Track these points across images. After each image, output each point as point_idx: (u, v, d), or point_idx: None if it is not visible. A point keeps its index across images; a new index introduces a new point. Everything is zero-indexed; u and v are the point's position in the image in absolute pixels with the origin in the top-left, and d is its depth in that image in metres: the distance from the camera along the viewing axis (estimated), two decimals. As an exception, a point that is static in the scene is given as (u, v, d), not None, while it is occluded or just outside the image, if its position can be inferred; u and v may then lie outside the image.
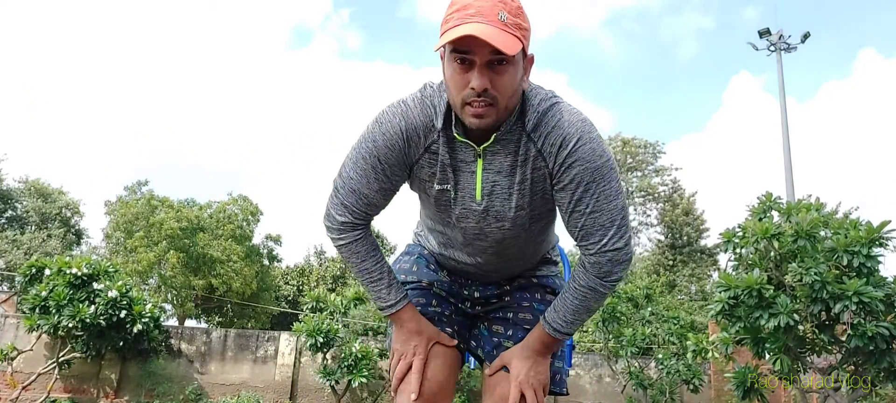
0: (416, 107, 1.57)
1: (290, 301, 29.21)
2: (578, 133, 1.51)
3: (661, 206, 34.69)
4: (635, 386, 10.84)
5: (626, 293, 11.07)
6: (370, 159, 1.58)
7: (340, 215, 1.66)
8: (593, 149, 1.51)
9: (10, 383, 10.70)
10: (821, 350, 5.67)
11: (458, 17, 1.40)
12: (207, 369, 11.92)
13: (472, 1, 1.40)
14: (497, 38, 1.36)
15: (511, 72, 1.43)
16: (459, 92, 1.44)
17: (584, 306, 1.64)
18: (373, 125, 1.60)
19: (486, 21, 1.38)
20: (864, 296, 4.96)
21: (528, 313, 1.82)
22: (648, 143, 35.89)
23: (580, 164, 1.50)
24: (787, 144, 16.08)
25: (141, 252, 22.98)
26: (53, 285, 10.19)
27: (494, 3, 1.40)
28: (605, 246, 1.55)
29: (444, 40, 1.39)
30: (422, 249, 1.96)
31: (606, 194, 1.53)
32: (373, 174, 1.59)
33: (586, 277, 1.60)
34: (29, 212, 29.29)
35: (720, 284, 5.65)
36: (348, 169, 1.63)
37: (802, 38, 17.39)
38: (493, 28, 1.37)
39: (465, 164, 1.59)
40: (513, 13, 1.42)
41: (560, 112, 1.53)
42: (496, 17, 1.39)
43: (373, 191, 1.61)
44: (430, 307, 1.83)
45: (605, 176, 1.53)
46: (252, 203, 27.12)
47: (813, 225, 5.41)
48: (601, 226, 1.54)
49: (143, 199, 25.01)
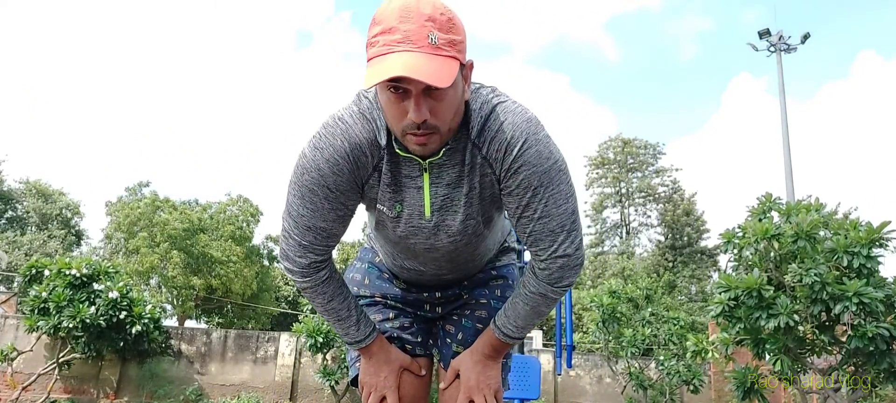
0: (357, 123, 1.43)
1: (289, 301, 29.20)
2: (523, 135, 1.40)
3: (661, 207, 34.70)
4: (635, 387, 10.83)
5: (627, 293, 11.07)
6: (319, 190, 1.44)
7: (302, 257, 1.52)
8: (539, 152, 1.40)
9: (9, 384, 10.70)
10: (821, 350, 5.67)
11: (383, 42, 1.25)
12: (207, 369, 11.91)
13: (397, 22, 1.25)
14: (430, 71, 1.22)
15: (451, 95, 1.31)
16: (398, 122, 1.33)
17: (534, 311, 1.58)
18: (312, 152, 1.44)
19: (415, 48, 1.24)
20: (865, 297, 4.95)
21: (483, 310, 1.77)
22: (649, 144, 35.92)
23: (526, 168, 1.40)
24: (787, 145, 16.08)
25: (143, 252, 22.99)
26: (54, 286, 10.19)
27: (421, 23, 1.25)
28: (556, 252, 1.47)
29: (372, 80, 1.22)
30: (373, 255, 1.87)
31: (555, 198, 1.43)
32: (326, 205, 1.45)
33: (537, 284, 1.53)
34: (29, 213, 29.28)
35: (720, 285, 5.64)
36: (297, 206, 1.47)
37: (802, 38, 17.39)
38: (423, 57, 1.23)
39: (411, 180, 1.48)
40: (444, 29, 1.27)
41: (503, 114, 1.41)
42: (426, 40, 1.24)
43: (329, 222, 1.48)
44: (387, 323, 1.76)
45: (553, 179, 1.42)
46: (252, 204, 27.14)
47: (813, 225, 5.41)
48: (551, 232, 1.45)
49: (145, 200, 25.01)
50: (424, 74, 1.21)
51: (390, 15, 1.27)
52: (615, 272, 28.38)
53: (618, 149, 35.89)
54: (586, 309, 11.42)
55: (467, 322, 1.76)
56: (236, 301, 25.25)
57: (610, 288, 11.06)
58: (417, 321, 1.80)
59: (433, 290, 1.80)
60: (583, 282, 28.48)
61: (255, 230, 27.52)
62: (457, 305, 1.80)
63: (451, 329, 1.78)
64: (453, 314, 1.80)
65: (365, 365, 1.69)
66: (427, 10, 1.26)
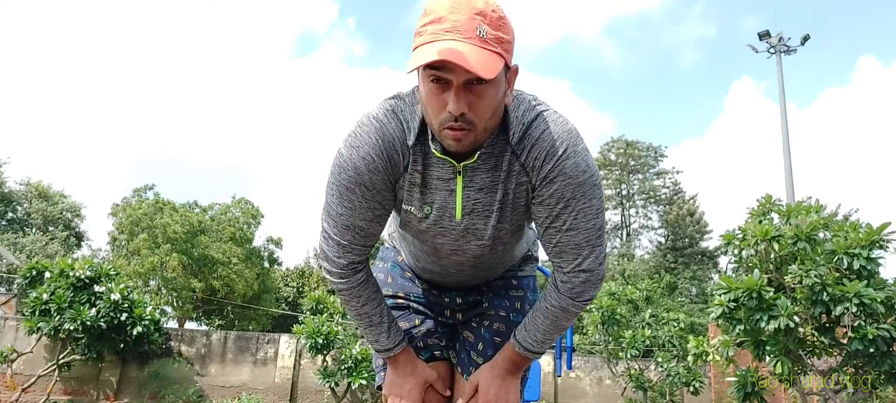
0: (391, 121, 1.44)
1: (290, 303, 29.20)
2: (564, 145, 1.40)
3: (662, 208, 34.68)
4: (635, 389, 10.82)
5: (627, 295, 11.06)
6: (357, 189, 1.44)
7: (340, 257, 1.52)
8: (577, 164, 1.40)
9: (9, 385, 10.70)
10: (821, 352, 5.66)
11: (432, 31, 1.25)
12: (207, 371, 11.91)
13: (447, 12, 1.25)
14: (475, 60, 1.21)
15: (491, 92, 1.30)
16: (436, 114, 1.32)
17: (555, 325, 1.56)
18: (348, 151, 1.44)
19: (462, 37, 1.23)
20: (865, 298, 4.94)
21: (501, 323, 1.76)
22: (650, 146, 35.93)
23: (562, 179, 1.40)
24: (787, 146, 16.07)
25: (144, 254, 23.02)
26: (55, 287, 10.19)
27: (472, 15, 1.25)
28: (579, 266, 1.47)
29: (415, 63, 1.23)
30: (396, 255, 1.88)
31: (585, 213, 1.43)
32: (363, 203, 1.46)
33: (558, 297, 1.52)
34: (31, 215, 29.30)
35: (720, 286, 5.63)
36: (335, 205, 1.48)
37: (802, 40, 17.39)
38: (470, 47, 1.23)
39: (443, 182, 1.47)
40: (493, 26, 1.27)
41: (545, 122, 1.41)
42: (474, 32, 1.24)
43: (367, 221, 1.49)
44: (415, 329, 1.76)
45: (586, 193, 1.42)
46: (253, 206, 27.15)
47: (813, 227, 5.40)
48: (577, 246, 1.45)
49: (147, 202, 25.05)
50: (468, 62, 1.20)
51: (441, 5, 1.27)
52: (616, 273, 28.36)
53: (620, 150, 35.90)
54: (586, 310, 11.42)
55: (486, 332, 1.76)
56: (237, 302, 25.26)
57: (610, 289, 11.05)
58: (439, 324, 1.82)
59: (454, 294, 1.81)
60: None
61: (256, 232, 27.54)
62: (476, 312, 1.80)
63: (469, 336, 1.78)
64: (472, 321, 1.80)
65: (391, 376, 1.69)
66: (479, 4, 1.27)
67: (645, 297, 11.22)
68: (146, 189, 26.85)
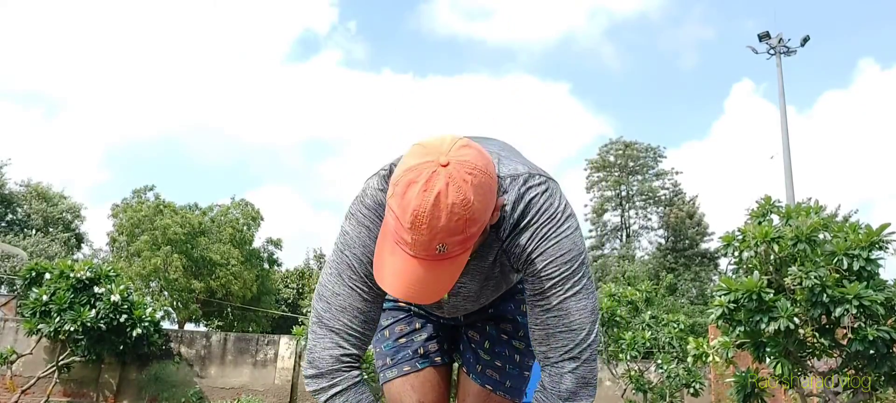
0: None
1: (290, 304, 29.19)
2: (545, 229, 1.36)
3: (661, 210, 34.68)
4: (635, 390, 10.81)
5: (626, 297, 11.05)
6: (361, 268, 1.38)
7: (333, 348, 1.39)
8: (561, 245, 1.36)
9: (9, 387, 10.69)
10: (821, 353, 5.66)
11: (395, 229, 1.20)
12: (207, 373, 11.90)
13: (408, 227, 1.17)
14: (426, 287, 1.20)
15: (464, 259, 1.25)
16: None
17: None
18: (355, 226, 1.40)
19: (422, 255, 1.19)
20: (865, 300, 4.94)
21: (509, 324, 1.77)
22: (649, 147, 35.92)
23: (543, 260, 1.36)
24: (787, 148, 16.08)
25: (145, 255, 23.03)
26: (55, 289, 10.18)
27: (432, 235, 1.16)
28: (569, 354, 1.37)
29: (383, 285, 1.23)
30: None
31: (576, 293, 1.37)
32: (367, 282, 1.38)
33: (546, 401, 1.39)
34: (31, 216, 29.29)
35: (720, 288, 5.63)
36: (332, 284, 1.40)
37: (802, 41, 17.41)
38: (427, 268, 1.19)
39: None
40: (457, 232, 1.18)
41: (530, 210, 1.37)
42: (434, 251, 1.18)
43: (367, 302, 1.40)
44: (415, 335, 1.78)
45: (574, 272, 1.37)
46: (253, 207, 27.16)
47: (813, 228, 5.40)
48: (567, 328, 1.37)
49: (147, 203, 25.06)
50: (420, 296, 1.21)
51: (404, 210, 1.17)
52: (616, 275, 28.36)
53: (618, 152, 35.89)
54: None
55: (492, 330, 1.77)
56: (237, 304, 25.26)
57: (609, 291, 11.05)
58: (440, 327, 1.82)
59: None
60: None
61: (256, 233, 27.54)
62: (480, 315, 1.81)
63: (475, 336, 1.79)
64: (477, 322, 1.81)
65: None
66: (441, 221, 1.16)
67: (645, 299, 11.22)
68: (146, 190, 26.86)
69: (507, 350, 1.76)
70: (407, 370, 1.74)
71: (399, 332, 1.78)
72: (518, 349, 1.77)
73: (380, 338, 1.81)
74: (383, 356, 1.78)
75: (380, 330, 1.81)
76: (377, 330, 1.79)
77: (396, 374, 1.74)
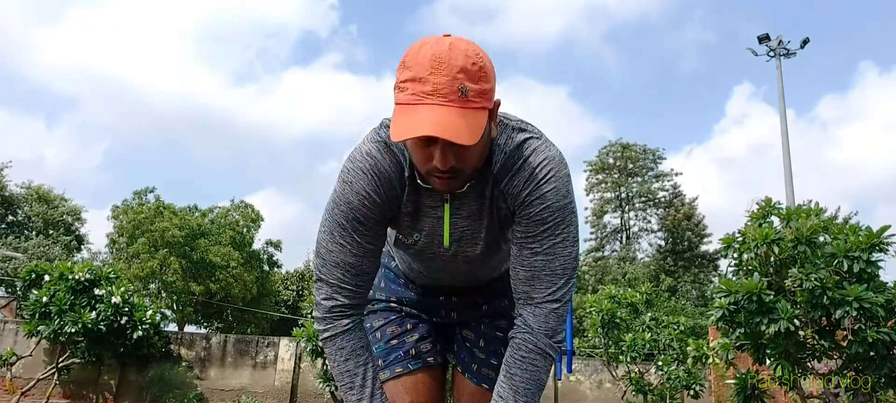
0: (384, 157, 1.42)
1: (290, 306, 29.17)
2: (543, 171, 1.39)
3: (661, 211, 34.66)
4: (635, 392, 10.81)
5: (627, 298, 11.05)
6: (350, 224, 1.42)
7: (327, 299, 1.47)
8: (557, 189, 1.39)
9: (8, 388, 10.68)
10: (822, 355, 5.66)
11: (412, 91, 1.22)
12: (207, 375, 11.90)
13: (427, 73, 1.21)
14: (459, 129, 1.19)
15: (478, 143, 1.28)
16: (423, 165, 1.32)
17: (535, 381, 1.43)
18: (343, 186, 1.43)
19: (445, 101, 1.20)
20: (865, 302, 4.94)
21: (504, 319, 1.77)
22: (648, 149, 35.88)
23: (540, 203, 1.39)
24: (787, 149, 16.09)
25: (143, 257, 23.03)
26: (55, 290, 10.18)
27: (453, 75, 1.20)
28: (552, 295, 1.42)
29: (399, 135, 1.21)
30: (390, 261, 1.87)
31: (565, 239, 1.41)
32: (356, 238, 1.43)
33: (534, 339, 1.42)
34: (31, 218, 29.28)
35: (720, 289, 5.63)
36: (326, 242, 1.46)
37: (802, 43, 17.43)
38: (453, 113, 1.20)
39: (432, 209, 1.48)
40: (475, 79, 1.23)
41: (526, 150, 1.41)
42: (456, 93, 1.21)
43: (359, 257, 1.45)
44: (407, 336, 1.76)
45: (565, 219, 1.41)
46: (253, 209, 27.17)
47: (813, 230, 5.40)
48: (552, 273, 1.41)
49: (147, 205, 25.06)
50: (454, 134, 1.19)
51: (421, 63, 1.22)
52: (616, 276, 28.34)
53: (617, 154, 35.87)
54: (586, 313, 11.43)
55: (487, 329, 1.78)
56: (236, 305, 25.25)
57: (610, 292, 11.05)
58: (434, 327, 1.81)
59: (449, 295, 1.81)
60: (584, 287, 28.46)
61: (256, 235, 27.54)
62: (474, 313, 1.81)
63: (470, 335, 1.78)
64: (470, 321, 1.80)
65: None
66: (459, 61, 1.22)
67: (645, 300, 11.22)
68: (146, 191, 26.86)
69: (502, 347, 1.73)
70: (399, 371, 1.73)
71: (390, 333, 1.77)
72: None
73: (371, 340, 1.78)
74: (375, 357, 1.75)
75: (371, 331, 1.79)
76: (369, 331, 1.79)
77: (389, 376, 1.73)
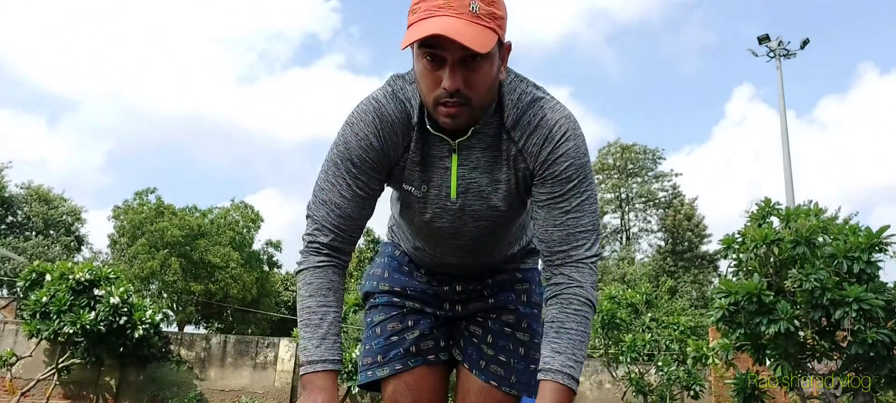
0: (389, 102, 1.44)
1: (290, 306, 29.16)
2: (563, 129, 1.41)
3: (661, 212, 34.65)
4: (635, 393, 10.80)
5: (627, 299, 11.05)
6: (343, 164, 1.44)
7: (309, 233, 1.46)
8: (578, 147, 1.41)
9: (8, 389, 10.68)
10: (821, 356, 5.65)
11: (425, 8, 1.27)
12: (207, 375, 11.90)
13: None
14: (468, 35, 1.23)
15: (486, 68, 1.31)
16: (431, 91, 1.33)
17: (587, 334, 1.43)
18: (344, 128, 1.46)
19: (455, 14, 1.24)
20: (865, 302, 4.94)
21: (511, 315, 1.74)
22: (647, 149, 35.87)
23: (566, 160, 1.40)
24: (787, 150, 16.09)
25: (143, 257, 23.03)
26: (55, 291, 10.18)
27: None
28: (590, 251, 1.42)
29: (409, 39, 1.26)
30: (394, 249, 1.85)
31: (589, 196, 1.43)
32: (347, 179, 1.44)
33: (585, 291, 1.41)
34: (31, 219, 29.29)
35: (720, 290, 5.63)
36: (320, 180, 1.48)
37: (802, 43, 17.43)
38: (463, 23, 1.24)
39: (440, 160, 1.47)
40: (486, 1, 1.28)
41: (542, 108, 1.42)
42: (467, 8, 1.25)
43: (346, 200, 1.44)
44: (407, 333, 1.72)
45: (587, 176, 1.42)
46: (253, 209, 27.18)
47: (812, 230, 5.39)
48: (584, 229, 1.42)
49: (148, 205, 25.06)
50: (462, 37, 1.21)
51: None
52: (616, 277, 28.33)
53: (617, 154, 35.86)
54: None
55: (494, 324, 1.74)
56: (237, 306, 25.26)
57: (610, 293, 11.04)
58: (437, 323, 1.76)
59: (454, 283, 1.76)
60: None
61: (256, 236, 27.55)
62: (480, 307, 1.77)
63: (476, 330, 1.75)
64: (477, 315, 1.77)
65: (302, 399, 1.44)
66: None
67: (645, 301, 11.21)
68: (147, 192, 26.86)
69: (511, 343, 1.72)
70: (399, 368, 1.70)
71: (391, 330, 1.73)
72: (522, 341, 1.73)
73: (371, 336, 1.75)
74: (374, 353, 1.73)
75: (372, 326, 1.76)
76: (369, 326, 1.77)
77: (388, 372, 1.70)
